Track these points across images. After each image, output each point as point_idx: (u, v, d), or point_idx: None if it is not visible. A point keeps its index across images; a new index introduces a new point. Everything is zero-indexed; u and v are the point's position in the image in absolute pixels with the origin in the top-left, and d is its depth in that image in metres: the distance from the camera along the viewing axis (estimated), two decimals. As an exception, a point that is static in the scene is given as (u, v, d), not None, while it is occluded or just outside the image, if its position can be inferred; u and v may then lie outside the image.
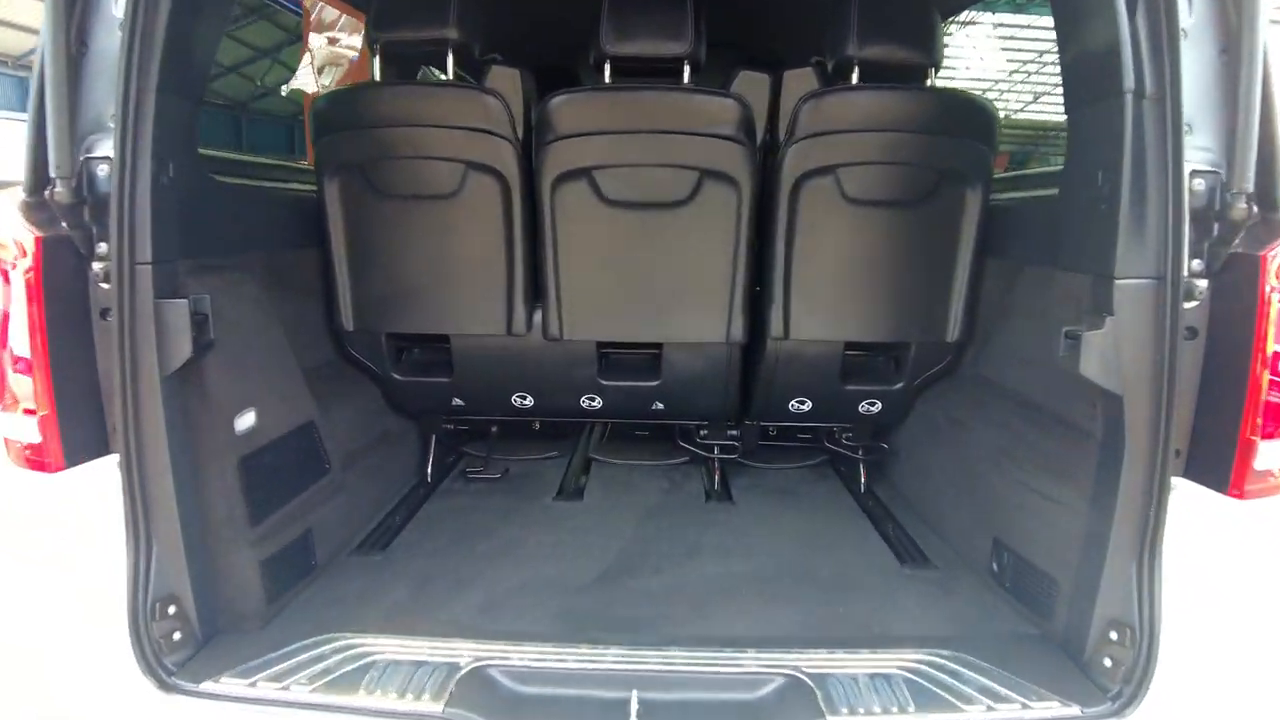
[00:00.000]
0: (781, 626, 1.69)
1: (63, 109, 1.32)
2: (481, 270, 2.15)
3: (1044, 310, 1.85)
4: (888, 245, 2.09)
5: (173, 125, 1.47)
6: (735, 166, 1.99)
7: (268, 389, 1.76)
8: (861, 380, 2.33)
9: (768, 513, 2.33)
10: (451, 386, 2.35)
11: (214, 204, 1.69)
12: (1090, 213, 1.46)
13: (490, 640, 1.59)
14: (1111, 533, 1.44)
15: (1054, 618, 1.62)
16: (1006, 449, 1.86)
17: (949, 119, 1.99)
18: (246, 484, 1.63)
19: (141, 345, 1.41)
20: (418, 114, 1.99)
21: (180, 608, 1.51)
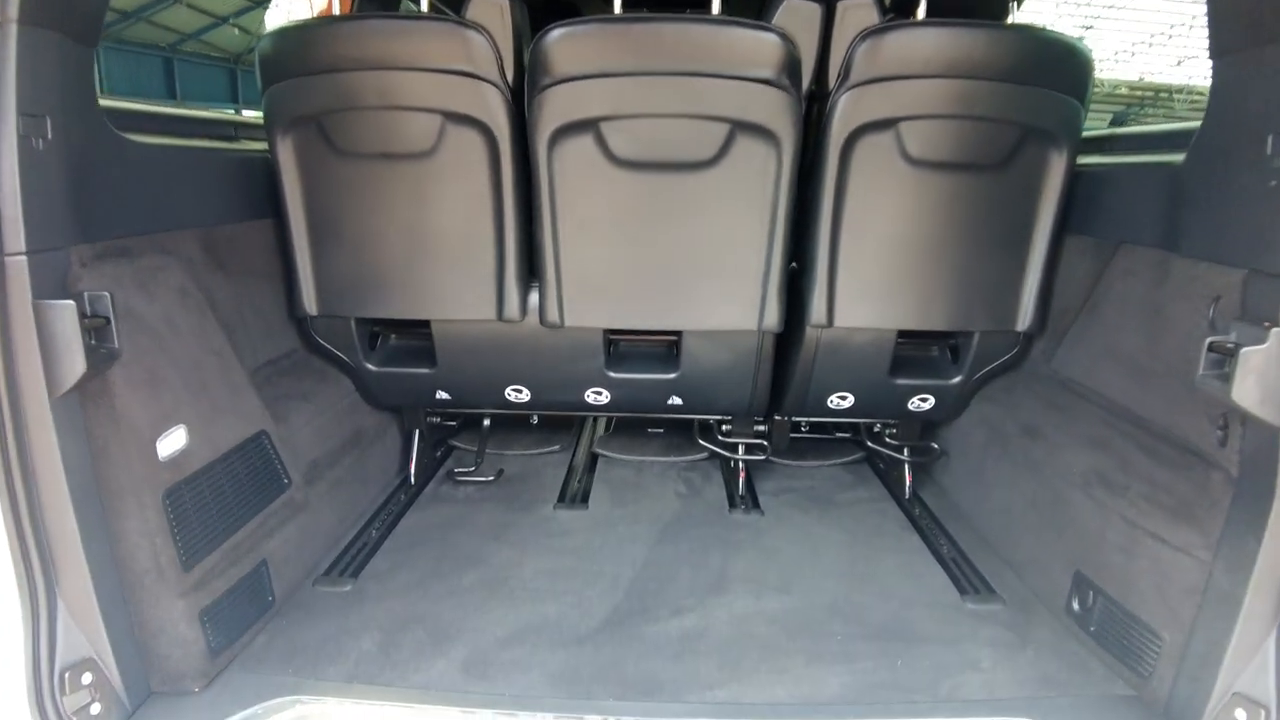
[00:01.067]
0: (830, 689, 1.39)
1: None
2: (466, 244, 1.80)
3: (1155, 303, 1.51)
4: (954, 216, 1.74)
5: (53, 70, 1.13)
6: (775, 118, 1.62)
7: (202, 400, 1.44)
8: (913, 374, 2.00)
9: (803, 527, 2.02)
10: (435, 378, 2.03)
11: (122, 171, 1.35)
12: (1245, 188, 1.12)
13: (477, 710, 1.31)
14: (1248, 591, 1.16)
15: (1156, 679, 1.33)
16: (1102, 472, 1.53)
17: (1036, 65, 1.61)
18: (176, 519, 1.33)
19: (20, 360, 1.10)
20: (385, 54, 1.62)
21: (98, 674, 1.23)
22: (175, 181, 1.55)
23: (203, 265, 1.60)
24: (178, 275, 1.47)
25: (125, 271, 1.32)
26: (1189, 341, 1.37)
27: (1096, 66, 1.69)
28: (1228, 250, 1.23)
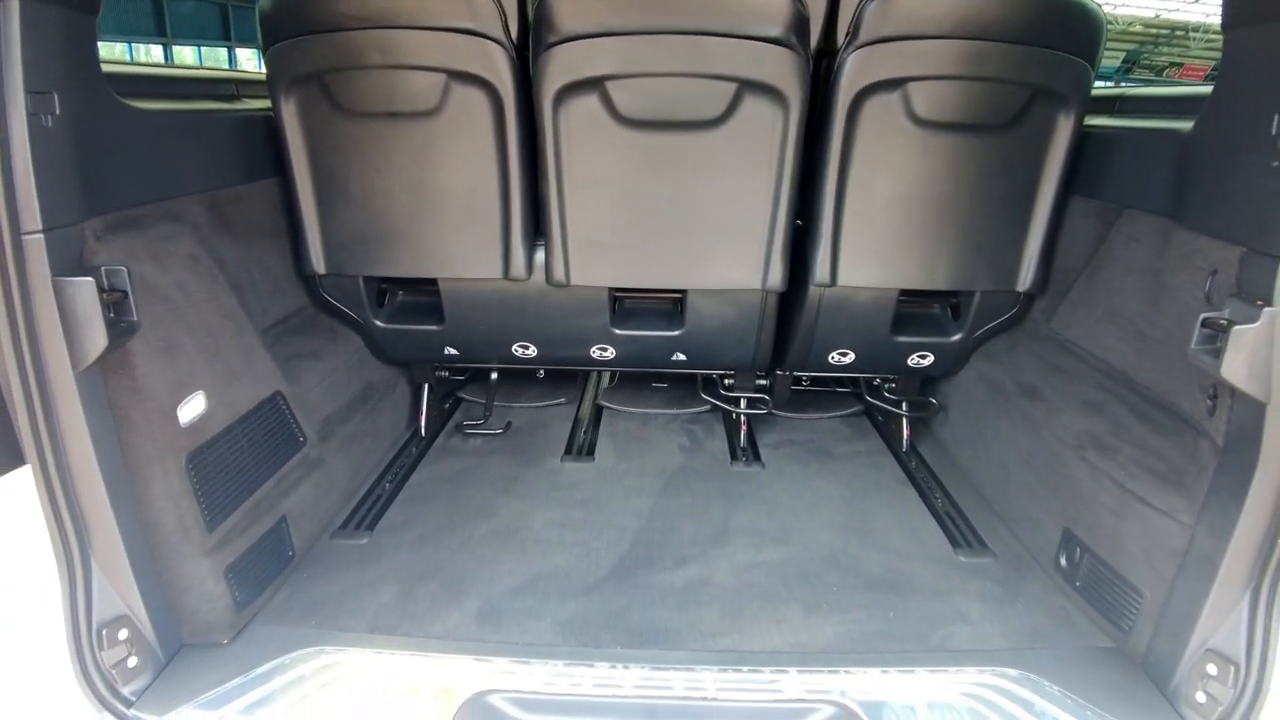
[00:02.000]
0: (826, 637, 1.47)
1: None
2: (471, 203, 1.81)
3: (1156, 271, 1.52)
4: (959, 177, 1.74)
5: (55, 41, 1.13)
6: (782, 77, 1.60)
7: (217, 365, 1.48)
8: (915, 331, 2.02)
9: (802, 479, 2.08)
10: (443, 334, 2.07)
11: (128, 141, 1.35)
12: (1250, 165, 1.12)
13: (492, 657, 1.38)
14: (1226, 554, 1.22)
15: (1136, 633, 1.40)
16: (1096, 436, 1.58)
17: (1048, 26, 1.59)
18: (198, 482, 1.38)
19: (45, 337, 1.13)
20: (387, 11, 1.59)
21: (133, 629, 1.30)
22: (180, 146, 1.55)
23: (210, 229, 1.61)
24: (187, 242, 1.48)
25: (137, 242, 1.33)
26: (1187, 312, 1.39)
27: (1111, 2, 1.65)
28: (1227, 226, 1.24)
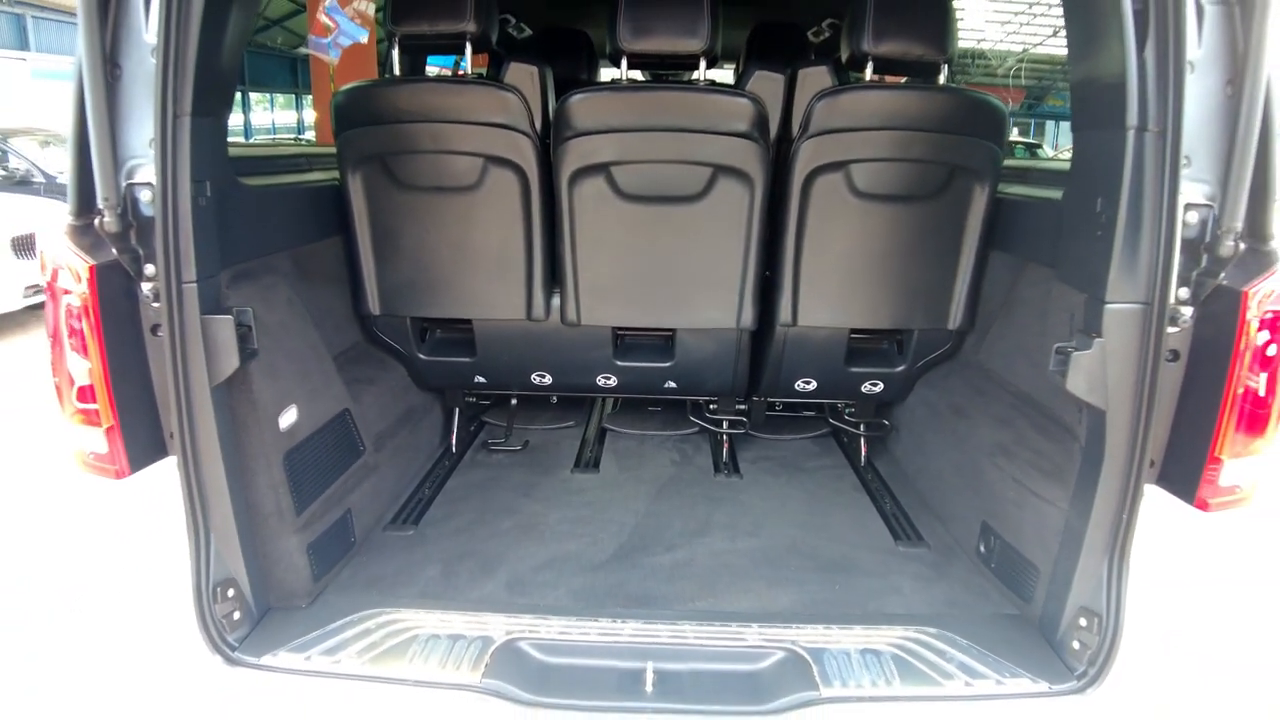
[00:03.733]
0: (783, 603, 1.84)
1: (106, 142, 1.38)
2: (502, 259, 2.23)
3: (1044, 310, 1.93)
4: (894, 237, 2.16)
5: (207, 144, 1.54)
6: (749, 163, 2.05)
7: (305, 385, 1.88)
8: (865, 363, 2.43)
9: (773, 487, 2.47)
10: (474, 365, 2.47)
11: (243, 210, 1.76)
12: (1087, 236, 1.52)
13: (519, 615, 1.75)
14: (1088, 530, 1.55)
15: (1034, 601, 1.76)
16: (1004, 444, 1.97)
17: (961, 117, 2.02)
18: (291, 476, 1.77)
19: (192, 358, 1.51)
20: (439, 109, 2.04)
21: (237, 590, 1.66)
22: (274, 213, 1.97)
23: (294, 277, 2.02)
24: (283, 288, 1.89)
25: (252, 289, 1.74)
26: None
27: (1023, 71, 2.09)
28: (1077, 278, 1.63)
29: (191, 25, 1.41)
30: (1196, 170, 1.35)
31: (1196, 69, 1.33)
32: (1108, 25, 1.38)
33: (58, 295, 1.46)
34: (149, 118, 1.42)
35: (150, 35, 1.41)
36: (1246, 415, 1.37)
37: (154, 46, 1.39)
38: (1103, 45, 1.42)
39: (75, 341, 1.46)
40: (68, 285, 1.44)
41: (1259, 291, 1.33)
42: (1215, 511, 1.43)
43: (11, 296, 6.28)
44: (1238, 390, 1.37)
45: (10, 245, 6.26)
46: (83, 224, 1.48)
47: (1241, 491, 1.44)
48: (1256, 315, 1.33)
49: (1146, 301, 1.38)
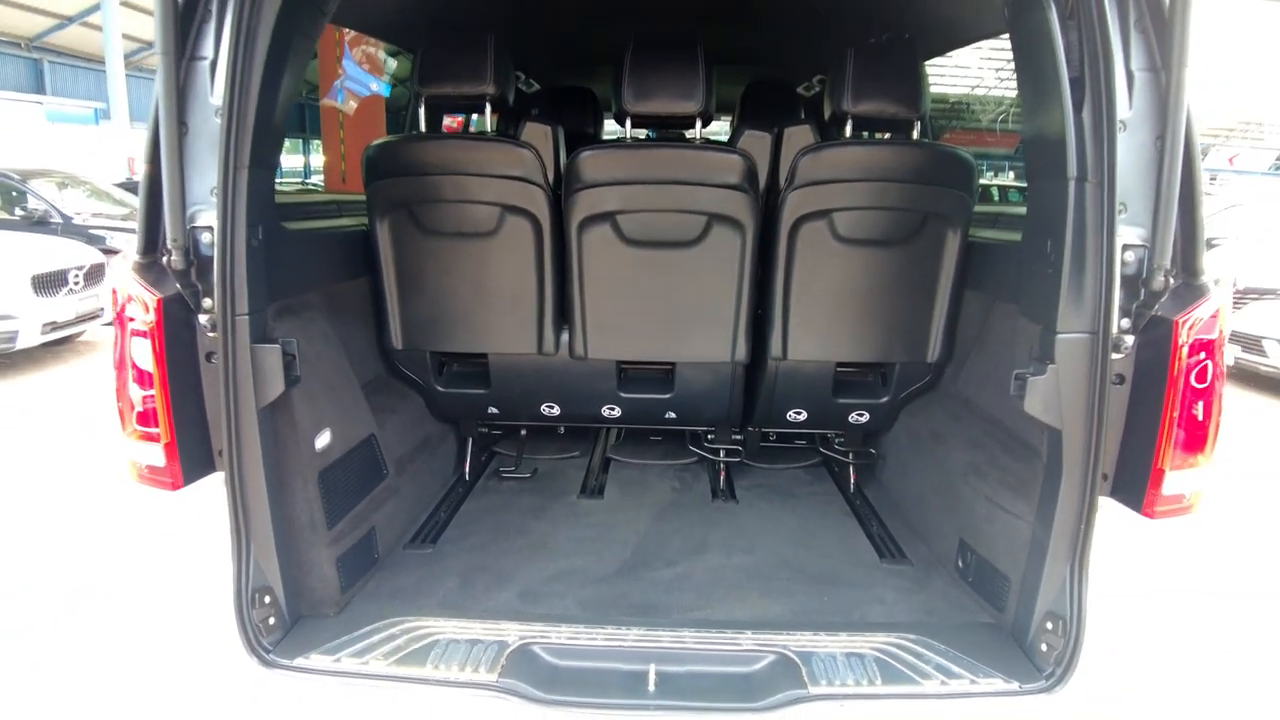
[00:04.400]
0: (774, 613, 1.98)
1: (176, 190, 1.57)
2: (515, 298, 2.42)
3: (1011, 342, 2.11)
4: (875, 278, 2.35)
5: (260, 193, 1.73)
6: (740, 212, 2.25)
7: (338, 410, 2.05)
8: (851, 394, 2.60)
9: (767, 511, 2.62)
10: (488, 397, 2.65)
11: (286, 251, 1.95)
12: (1041, 274, 1.71)
13: (531, 622, 1.88)
14: (1051, 540, 1.70)
15: (1006, 610, 1.90)
16: (977, 465, 2.13)
17: (932, 169, 2.24)
18: (324, 493, 1.92)
19: (242, 383, 1.68)
20: (462, 163, 2.25)
21: (273, 597, 1.80)
22: (312, 254, 2.16)
23: (327, 313, 2.20)
24: (320, 322, 2.07)
25: (294, 322, 1.92)
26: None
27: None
28: (1035, 312, 1.82)
29: (251, 90, 1.61)
30: (1132, 215, 1.54)
31: (1129, 127, 1.53)
32: (1051, 89, 1.59)
33: (125, 323, 1.64)
34: (211, 169, 1.61)
35: (215, 99, 1.61)
36: (1185, 431, 1.54)
37: (218, 108, 1.60)
38: (1047, 107, 1.63)
39: (140, 365, 1.63)
40: (136, 315, 1.61)
41: (1189, 320, 1.51)
42: (1161, 519, 1.59)
43: (30, 333, 6.45)
44: (1174, 410, 1.54)
45: (31, 283, 6.46)
46: (148, 261, 1.66)
47: (1186, 500, 1.60)
48: (1187, 341, 1.51)
49: (1093, 331, 1.56)
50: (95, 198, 9.84)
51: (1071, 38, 1.54)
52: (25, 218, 8.62)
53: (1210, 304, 1.52)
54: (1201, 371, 1.54)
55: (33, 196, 8.87)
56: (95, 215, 9.17)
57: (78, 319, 6.98)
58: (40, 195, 8.92)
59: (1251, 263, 6.91)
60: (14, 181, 9.06)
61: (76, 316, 6.94)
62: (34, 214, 8.66)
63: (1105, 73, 1.49)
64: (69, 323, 6.89)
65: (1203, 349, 1.52)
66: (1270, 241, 7.73)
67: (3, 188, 9.06)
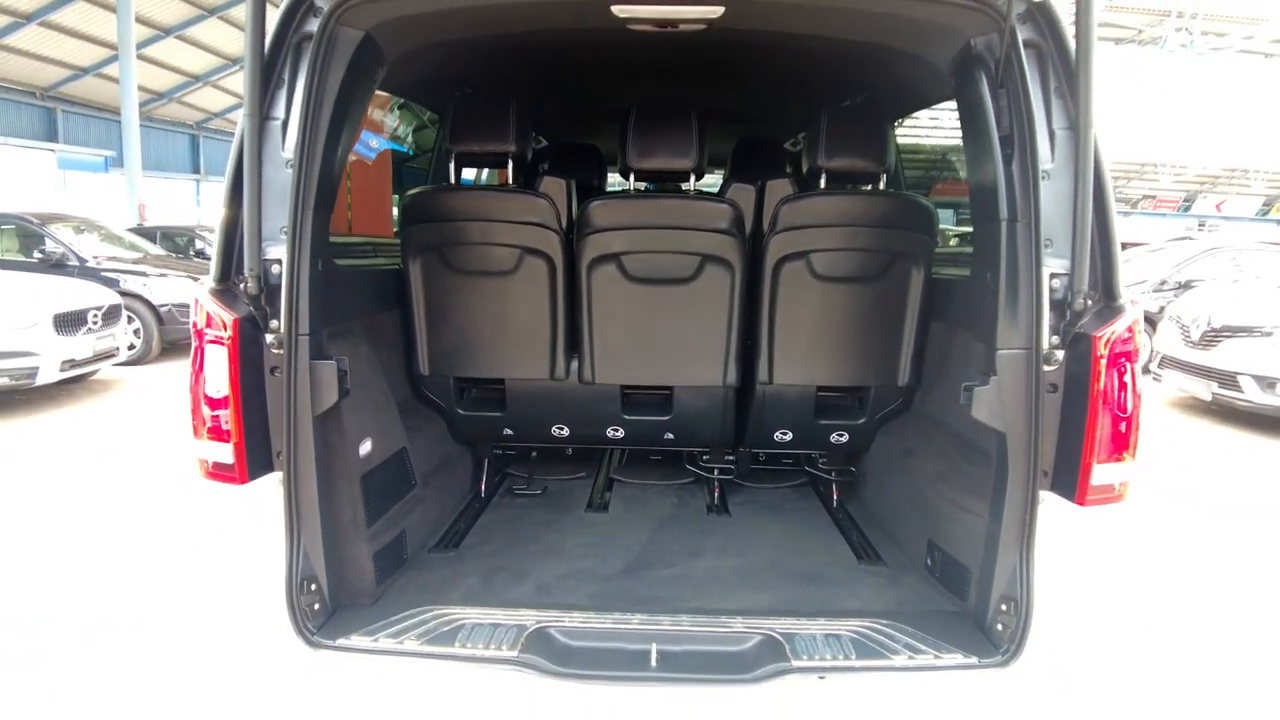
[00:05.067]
0: (762, 603, 2.22)
1: (255, 227, 1.85)
2: (531, 329, 2.72)
3: (967, 363, 2.40)
4: (849, 311, 2.65)
5: (320, 232, 2.02)
6: (729, 253, 2.57)
7: (377, 423, 2.31)
8: (832, 416, 2.88)
9: (757, 523, 2.86)
10: (504, 419, 2.91)
11: (337, 283, 2.24)
12: (984, 301, 2.01)
13: (546, 610, 2.11)
14: (1002, 532, 1.94)
15: (969, 599, 2.14)
16: (943, 474, 2.40)
17: (897, 215, 2.55)
18: (365, 495, 2.17)
19: (301, 394, 1.94)
20: (488, 211, 2.57)
21: (318, 585, 2.03)
22: (356, 288, 2.45)
23: (368, 339, 2.48)
24: (363, 346, 2.35)
25: (343, 344, 2.19)
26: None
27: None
28: (979, 334, 2.10)
29: (316, 147, 1.92)
30: (1057, 249, 1.83)
31: (1051, 176, 1.83)
32: (986, 146, 1.91)
33: (204, 337, 1.90)
34: (281, 211, 1.90)
35: (286, 153, 1.91)
36: (1110, 430, 1.81)
37: (289, 160, 1.89)
38: (984, 161, 1.95)
39: (216, 375, 1.90)
40: (216, 332, 1.88)
41: (1104, 335, 1.79)
42: (1091, 507, 1.84)
43: (50, 370, 6.68)
44: (1099, 413, 1.81)
45: (53, 322, 6.72)
46: (223, 288, 1.94)
47: (1115, 490, 1.85)
48: (1106, 353, 1.79)
49: (1027, 347, 1.84)
50: (109, 242, 10.20)
51: (1001, 103, 1.87)
52: (43, 260, 8.93)
53: (1125, 320, 1.80)
54: (1121, 378, 1.81)
55: (51, 240, 9.20)
56: (110, 259, 9.51)
57: (95, 357, 7.22)
58: (58, 239, 9.24)
59: (1227, 303, 7.24)
60: (34, 225, 9.41)
61: (94, 355, 7.19)
62: (52, 256, 8.98)
63: (1029, 132, 1.80)
64: (86, 361, 7.13)
65: (1121, 358, 1.80)
66: (1245, 283, 8.09)
67: (23, 231, 9.41)
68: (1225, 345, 6.87)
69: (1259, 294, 7.48)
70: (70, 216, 10.58)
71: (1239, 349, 6.73)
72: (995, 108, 1.88)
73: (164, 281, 9.32)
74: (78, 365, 7.06)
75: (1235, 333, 6.83)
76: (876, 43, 2.20)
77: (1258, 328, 6.69)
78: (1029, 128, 1.80)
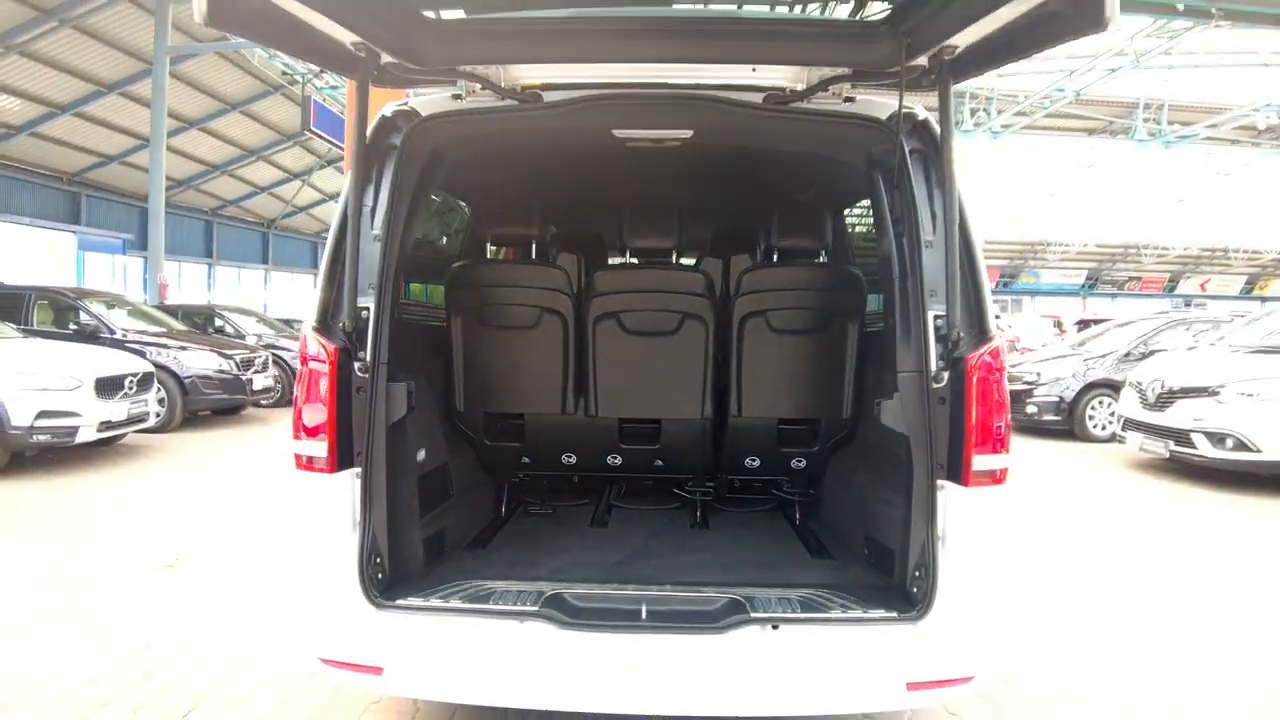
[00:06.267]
0: (729, 580, 2.78)
1: (353, 282, 2.49)
2: (547, 372, 3.38)
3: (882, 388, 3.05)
4: (800, 357, 3.34)
5: (396, 289, 2.69)
6: (703, 311, 3.28)
7: (429, 438, 2.93)
8: (791, 444, 3.51)
9: (731, 534, 3.45)
10: (522, 449, 3.54)
11: (402, 330, 2.89)
12: (889, 338, 2.68)
13: (559, 583, 2.66)
14: (913, 516, 2.52)
15: (893, 573, 2.71)
16: (875, 481, 3.01)
17: (833, 282, 3.27)
18: (420, 493, 2.76)
19: (378, 408, 2.55)
20: (516, 279, 3.29)
21: (381, 559, 2.57)
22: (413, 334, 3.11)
23: (425, 375, 3.11)
24: (421, 379, 2.99)
25: (408, 375, 2.83)
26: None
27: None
28: (886, 363, 2.74)
29: (397, 227, 2.61)
30: (939, 298, 2.48)
31: (933, 245, 2.50)
32: (885, 226, 2.63)
33: (308, 363, 2.53)
34: (371, 272, 2.56)
35: (375, 230, 2.59)
36: (981, 430, 2.41)
37: (377, 235, 2.57)
38: (884, 235, 2.66)
39: (318, 392, 2.52)
40: (318, 359, 2.52)
41: (974, 358, 2.40)
42: (974, 487, 2.42)
43: (88, 430, 7.23)
44: (973, 417, 2.43)
45: (94, 385, 7.31)
46: (322, 327, 2.57)
47: (995, 476, 2.42)
48: (976, 372, 2.42)
49: (919, 370, 2.49)
50: (136, 316, 10.90)
51: (895, 196, 2.59)
52: (78, 331, 9.61)
53: (989, 346, 2.43)
54: (989, 389, 2.43)
55: (85, 312, 9.90)
56: (138, 332, 10.19)
57: (128, 420, 7.78)
58: (92, 311, 9.94)
59: (1180, 367, 7.88)
60: (70, 299, 10.13)
61: (128, 418, 7.75)
62: (86, 328, 9.66)
63: (914, 213, 2.50)
64: (120, 423, 7.68)
65: (988, 374, 2.42)
66: (1199, 350, 8.73)
67: (59, 304, 10.12)
68: (1179, 405, 7.38)
69: (1209, 358, 8.04)
70: (102, 292, 11.35)
71: (1191, 408, 7.26)
72: (890, 197, 2.60)
73: (189, 354, 9.98)
74: (113, 427, 7.61)
75: (1187, 394, 7.37)
76: (808, 153, 2.96)
77: (1207, 388, 7.24)
78: (914, 211, 2.50)
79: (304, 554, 2.51)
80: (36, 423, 6.86)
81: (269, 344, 12.61)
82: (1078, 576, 4.64)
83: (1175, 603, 4.24)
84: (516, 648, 2.38)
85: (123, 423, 7.72)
